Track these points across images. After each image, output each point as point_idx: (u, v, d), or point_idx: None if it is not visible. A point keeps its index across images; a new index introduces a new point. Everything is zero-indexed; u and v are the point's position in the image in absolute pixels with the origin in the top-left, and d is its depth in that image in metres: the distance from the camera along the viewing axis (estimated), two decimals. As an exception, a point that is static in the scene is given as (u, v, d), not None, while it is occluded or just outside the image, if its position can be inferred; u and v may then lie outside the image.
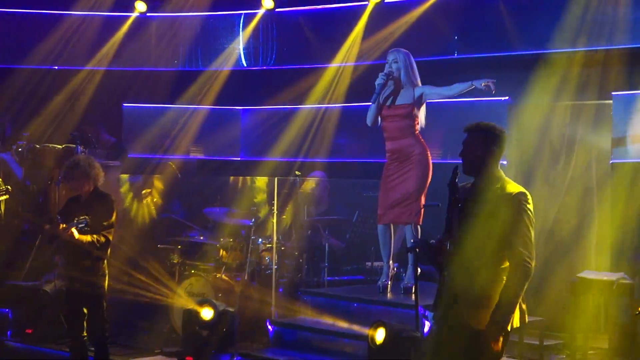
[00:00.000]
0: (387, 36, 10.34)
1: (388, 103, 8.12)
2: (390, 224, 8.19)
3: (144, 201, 10.63)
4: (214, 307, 8.17)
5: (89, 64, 11.76)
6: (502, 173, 5.07)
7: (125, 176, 10.72)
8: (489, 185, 4.99)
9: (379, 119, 8.21)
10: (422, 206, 7.98)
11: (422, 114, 8.20)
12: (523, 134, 9.87)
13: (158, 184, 10.84)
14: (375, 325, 7.02)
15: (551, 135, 9.83)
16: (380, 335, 6.94)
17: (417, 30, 10.22)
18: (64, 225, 7.07)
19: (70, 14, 11.78)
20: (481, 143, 4.99)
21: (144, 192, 10.72)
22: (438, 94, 8.15)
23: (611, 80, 9.23)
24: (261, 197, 10.91)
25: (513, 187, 4.96)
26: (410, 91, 8.09)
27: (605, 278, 7.73)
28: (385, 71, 8.11)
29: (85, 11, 11.79)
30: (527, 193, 4.94)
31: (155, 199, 10.77)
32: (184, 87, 11.70)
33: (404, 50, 8.18)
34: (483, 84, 7.77)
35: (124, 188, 10.69)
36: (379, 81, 8.09)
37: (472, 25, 9.94)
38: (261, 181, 11.01)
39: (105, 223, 7.46)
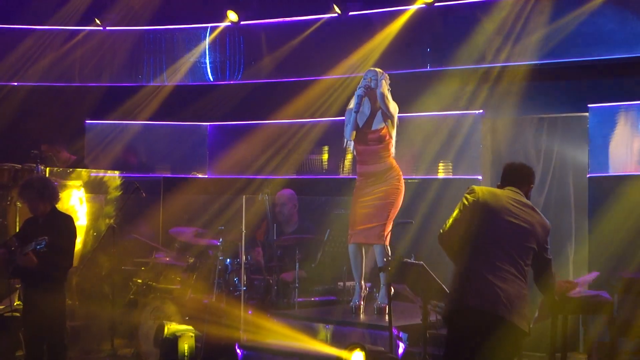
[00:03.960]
0: (360, 50, 10.17)
1: (361, 125, 7.92)
2: (361, 243, 7.99)
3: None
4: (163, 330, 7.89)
5: (49, 79, 11.53)
6: None
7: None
8: None
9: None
10: (395, 224, 7.81)
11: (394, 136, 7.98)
12: (498, 148, 9.74)
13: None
14: (351, 347, 6.79)
15: (527, 148, 9.70)
16: (358, 358, 6.72)
17: (389, 43, 10.05)
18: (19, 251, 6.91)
19: (31, 28, 11.54)
20: None
21: None
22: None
23: (587, 92, 9.13)
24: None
25: None
26: (385, 114, 7.87)
27: (584, 295, 7.53)
28: (362, 85, 7.90)
29: (45, 26, 11.55)
30: None
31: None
32: (148, 103, 11.50)
33: (381, 70, 7.98)
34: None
35: (95, 207, 10.35)
36: (358, 92, 7.89)
37: (445, 38, 9.76)
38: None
39: (64, 244, 7.27)
